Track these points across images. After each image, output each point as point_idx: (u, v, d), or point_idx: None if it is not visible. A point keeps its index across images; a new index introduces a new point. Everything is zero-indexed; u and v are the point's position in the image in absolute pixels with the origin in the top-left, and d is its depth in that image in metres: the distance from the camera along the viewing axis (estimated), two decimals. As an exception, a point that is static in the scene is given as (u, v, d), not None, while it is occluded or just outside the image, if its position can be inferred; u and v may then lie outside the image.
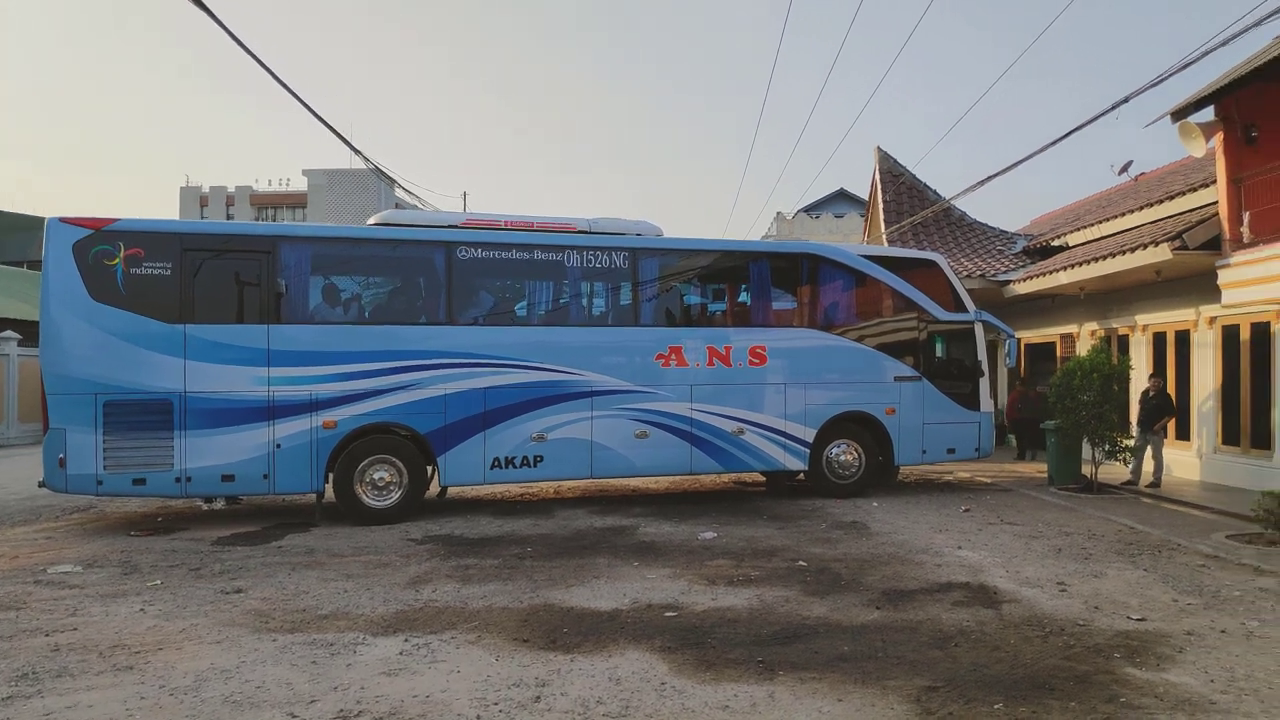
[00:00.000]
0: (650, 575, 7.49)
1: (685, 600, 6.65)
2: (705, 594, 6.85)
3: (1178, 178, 16.48)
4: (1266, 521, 8.63)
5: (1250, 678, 4.88)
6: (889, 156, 21.15)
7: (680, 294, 12.23)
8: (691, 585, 7.13)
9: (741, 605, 6.49)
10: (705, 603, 6.57)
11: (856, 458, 12.26)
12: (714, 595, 6.81)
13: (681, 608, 6.43)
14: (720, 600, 6.65)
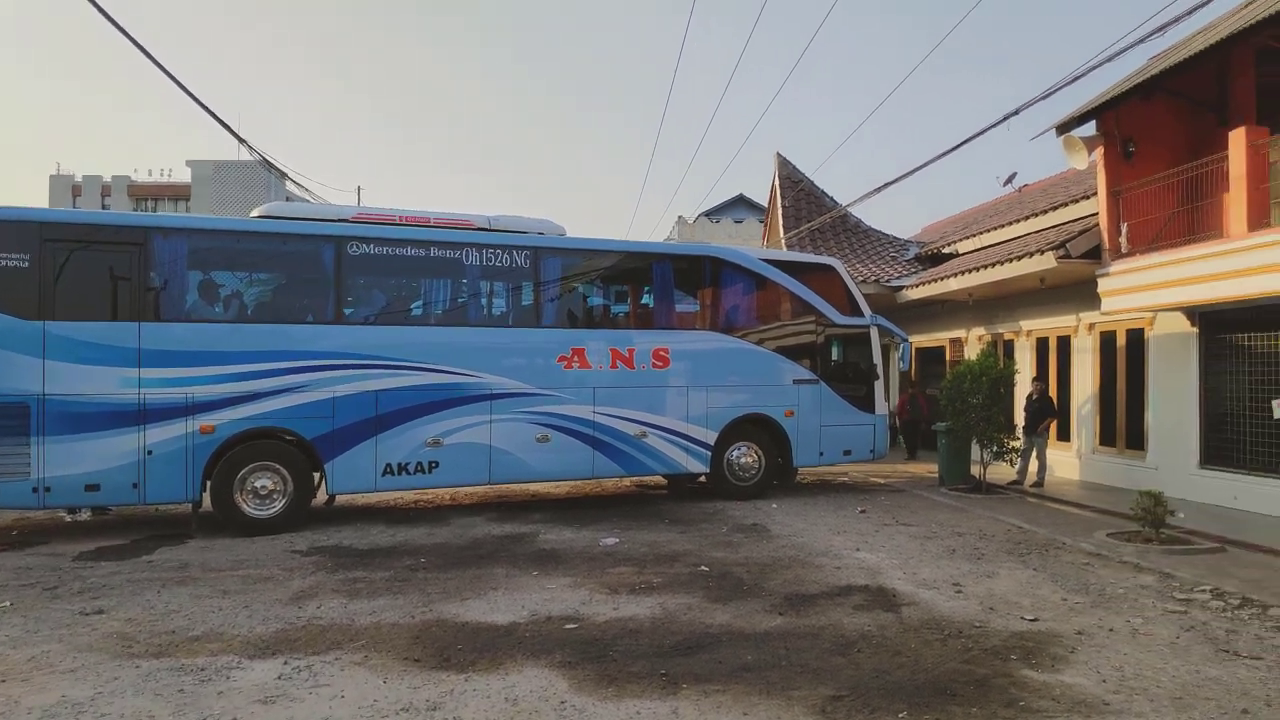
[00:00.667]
0: (550, 585, 7.26)
1: (586, 611, 6.44)
2: (607, 604, 6.66)
3: (1060, 189, 17.23)
4: (1144, 520, 9.00)
5: (1139, 676, 5.00)
6: (788, 163, 21.47)
7: (583, 295, 12.04)
8: (593, 595, 6.93)
9: (644, 615, 6.33)
10: (607, 613, 6.39)
11: (756, 460, 12.31)
12: (616, 605, 6.63)
13: (582, 619, 6.23)
14: (622, 610, 6.47)
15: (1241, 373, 11.11)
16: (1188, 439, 11.94)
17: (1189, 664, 5.22)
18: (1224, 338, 11.42)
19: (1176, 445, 12.14)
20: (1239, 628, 6.03)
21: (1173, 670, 5.11)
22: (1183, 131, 12.42)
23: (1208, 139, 11.76)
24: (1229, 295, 10.09)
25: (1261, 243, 9.54)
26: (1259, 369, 10.83)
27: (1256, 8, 10.22)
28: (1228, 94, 11.82)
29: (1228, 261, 10.00)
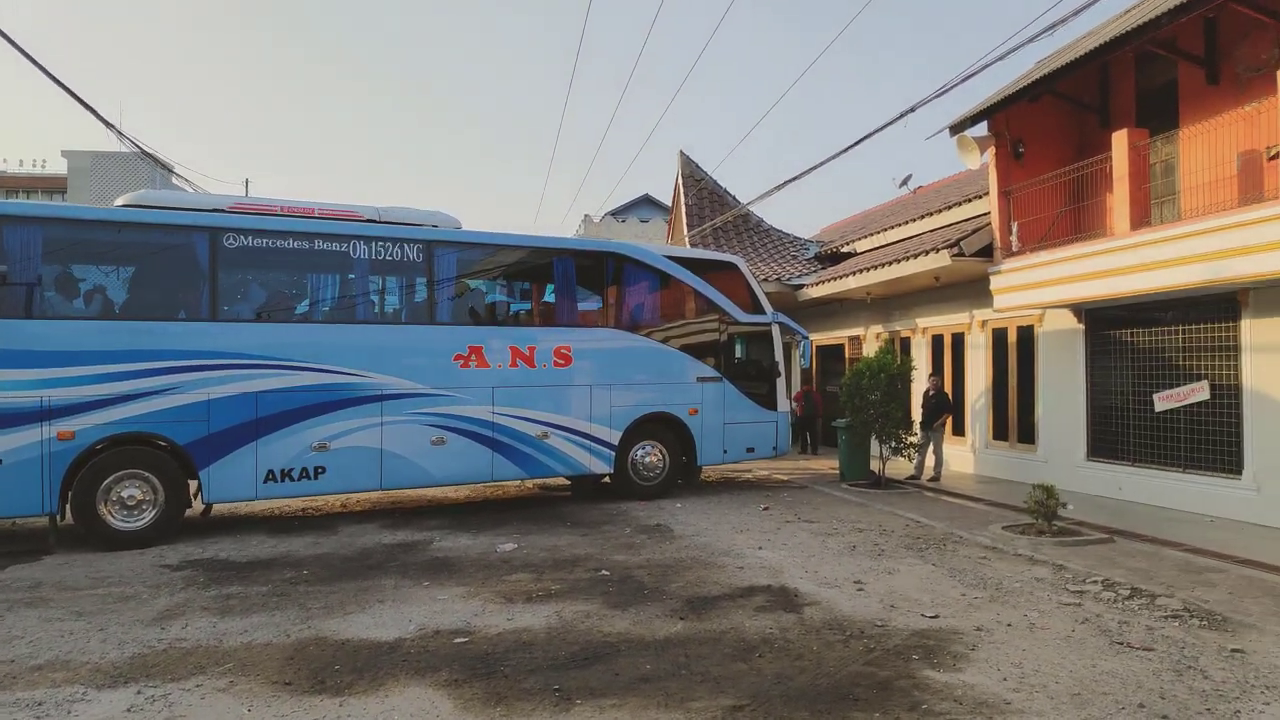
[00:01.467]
0: (442, 596, 6.87)
1: (478, 623, 6.09)
2: (501, 614, 6.32)
3: (954, 190, 17.67)
4: (1036, 512, 9.18)
5: (1038, 673, 4.97)
6: (691, 161, 21.43)
7: (481, 291, 11.63)
8: (486, 605, 6.58)
9: (539, 625, 6.03)
10: (500, 624, 6.05)
11: (661, 459, 12.13)
12: (510, 615, 6.29)
13: (474, 632, 5.88)
14: (517, 620, 6.15)
15: (1125, 368, 11.51)
16: (1075, 432, 12.32)
17: (1085, 658, 5.23)
18: (1108, 334, 11.82)
19: (1065, 439, 12.52)
20: (1130, 619, 6.11)
21: (1070, 665, 5.10)
22: (1069, 133, 12.82)
23: (1092, 140, 12.16)
24: (1113, 292, 10.42)
25: (1143, 241, 9.87)
26: (1141, 364, 11.23)
27: (1136, 14, 10.59)
28: (1110, 97, 12.25)
29: (1112, 259, 10.31)
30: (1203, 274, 9.13)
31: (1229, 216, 8.86)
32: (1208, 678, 4.88)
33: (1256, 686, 4.73)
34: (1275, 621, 5.99)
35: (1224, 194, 9.79)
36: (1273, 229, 8.33)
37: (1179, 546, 8.53)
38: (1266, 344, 9.49)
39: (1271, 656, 5.26)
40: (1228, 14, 9.80)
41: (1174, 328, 10.73)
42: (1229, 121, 9.73)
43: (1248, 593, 6.81)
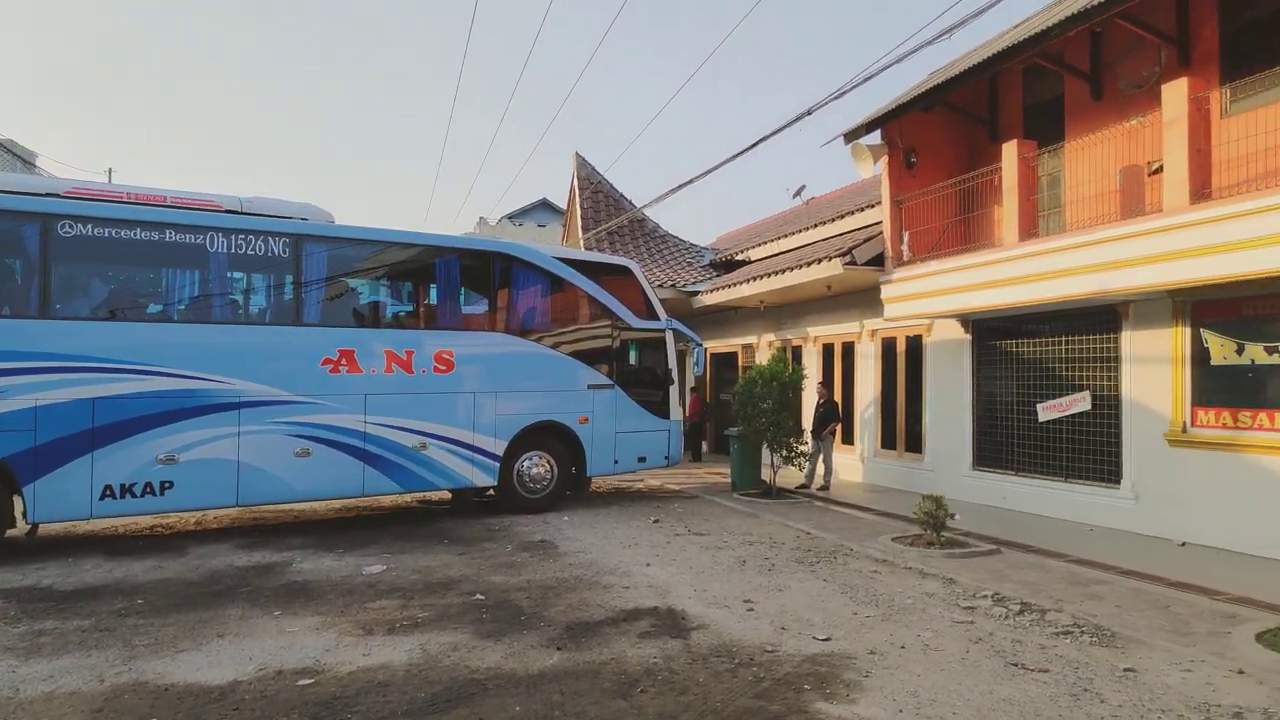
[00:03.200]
0: (293, 628, 6.15)
1: (329, 660, 5.43)
2: (357, 648, 5.67)
3: (847, 200, 17.75)
4: (926, 523, 9.06)
5: (934, 702, 4.67)
6: (587, 163, 20.99)
7: (354, 290, 10.82)
8: (342, 637, 5.92)
9: (399, 661, 5.41)
10: (355, 661, 5.40)
11: (549, 470, 11.58)
12: (368, 649, 5.65)
13: (322, 671, 5.21)
14: (374, 656, 5.51)
15: (1010, 378, 11.63)
16: (961, 442, 12.40)
17: (981, 682, 4.97)
18: (994, 344, 11.92)
19: (951, 448, 12.59)
20: (1022, 636, 5.93)
21: (966, 691, 4.83)
22: (960, 144, 12.94)
23: (982, 152, 12.29)
24: (1001, 303, 10.47)
25: (1030, 252, 9.93)
26: (1026, 375, 11.36)
27: (1025, 27, 10.69)
28: (999, 110, 12.41)
29: (1000, 270, 10.36)
30: (1087, 286, 9.21)
31: (1112, 230, 8.97)
32: (1104, 701, 4.67)
33: (1153, 710, 4.54)
34: (1162, 636, 5.91)
35: (1107, 207, 9.94)
36: (1152, 242, 8.44)
37: (1064, 557, 8.53)
38: (1145, 355, 9.66)
39: (1162, 675, 5.12)
40: (1113, 30, 9.97)
41: (1058, 339, 10.87)
42: (1113, 136, 9.89)
43: (1134, 605, 6.76)
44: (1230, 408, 8.77)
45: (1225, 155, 8.60)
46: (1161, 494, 9.43)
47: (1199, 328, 9.09)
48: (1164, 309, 9.39)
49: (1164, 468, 9.42)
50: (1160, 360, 9.46)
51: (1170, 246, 8.23)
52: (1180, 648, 5.63)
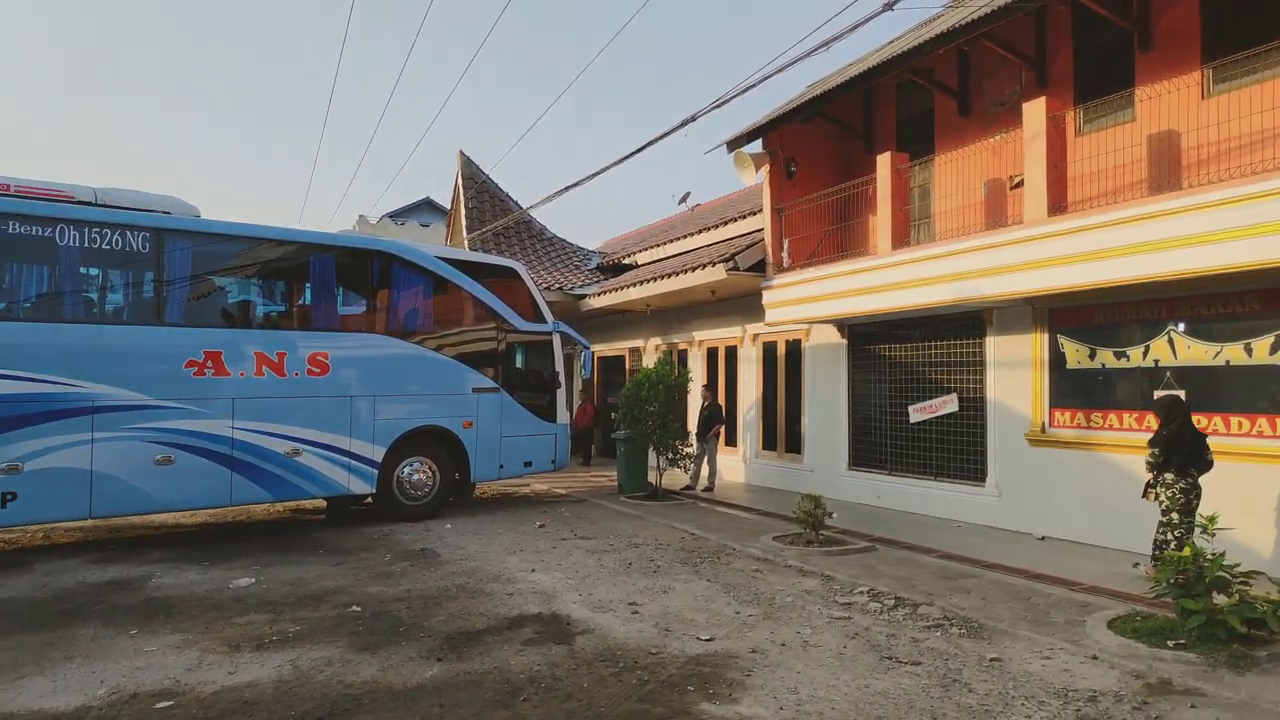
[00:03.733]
0: (151, 647, 5.76)
1: (191, 680, 5.11)
2: (222, 666, 5.36)
3: (731, 208, 18.08)
4: (805, 522, 9.29)
5: (814, 698, 4.76)
6: (471, 162, 20.64)
7: (222, 289, 10.26)
8: (205, 656, 5.58)
9: (268, 678, 5.14)
10: (219, 680, 5.10)
11: (430, 476, 11.29)
12: (234, 667, 5.35)
13: (183, 692, 4.90)
14: (241, 674, 5.22)
15: (883, 381, 12.08)
16: (838, 443, 12.79)
17: (858, 677, 5.11)
18: (869, 349, 12.36)
19: (829, 449, 12.98)
20: (897, 630, 6.14)
21: (844, 687, 4.95)
22: (837, 155, 13.37)
23: (858, 163, 12.73)
24: (875, 309, 10.86)
25: (902, 260, 10.33)
26: (898, 378, 11.81)
27: (897, 45, 11.14)
28: (874, 123, 12.88)
29: (874, 277, 10.74)
30: (954, 293, 9.65)
31: (976, 240, 9.43)
32: (972, 691, 4.88)
33: (1017, 698, 4.77)
34: (1025, 626, 6.23)
35: (973, 218, 10.46)
36: (1014, 252, 8.91)
37: (934, 553, 8.90)
38: (1007, 360, 10.20)
39: (1025, 663, 5.39)
40: (979, 50, 10.50)
41: (928, 343, 11.35)
42: (978, 151, 10.42)
43: (998, 598, 7.10)
44: (1084, 409, 9.36)
45: (1079, 171, 9.18)
46: (1023, 491, 9.97)
47: (1056, 334, 9.66)
48: (1024, 316, 9.94)
49: (1025, 466, 9.96)
50: (1021, 364, 10.01)
51: (1030, 256, 8.71)
52: (1041, 637, 5.94)
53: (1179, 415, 7.36)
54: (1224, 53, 8.15)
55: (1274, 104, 7.65)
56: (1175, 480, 7.21)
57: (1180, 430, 7.26)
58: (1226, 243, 6.95)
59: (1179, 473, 7.20)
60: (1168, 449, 7.26)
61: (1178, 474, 7.21)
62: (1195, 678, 5.07)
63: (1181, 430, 7.27)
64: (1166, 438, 7.29)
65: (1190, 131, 8.24)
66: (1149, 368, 8.70)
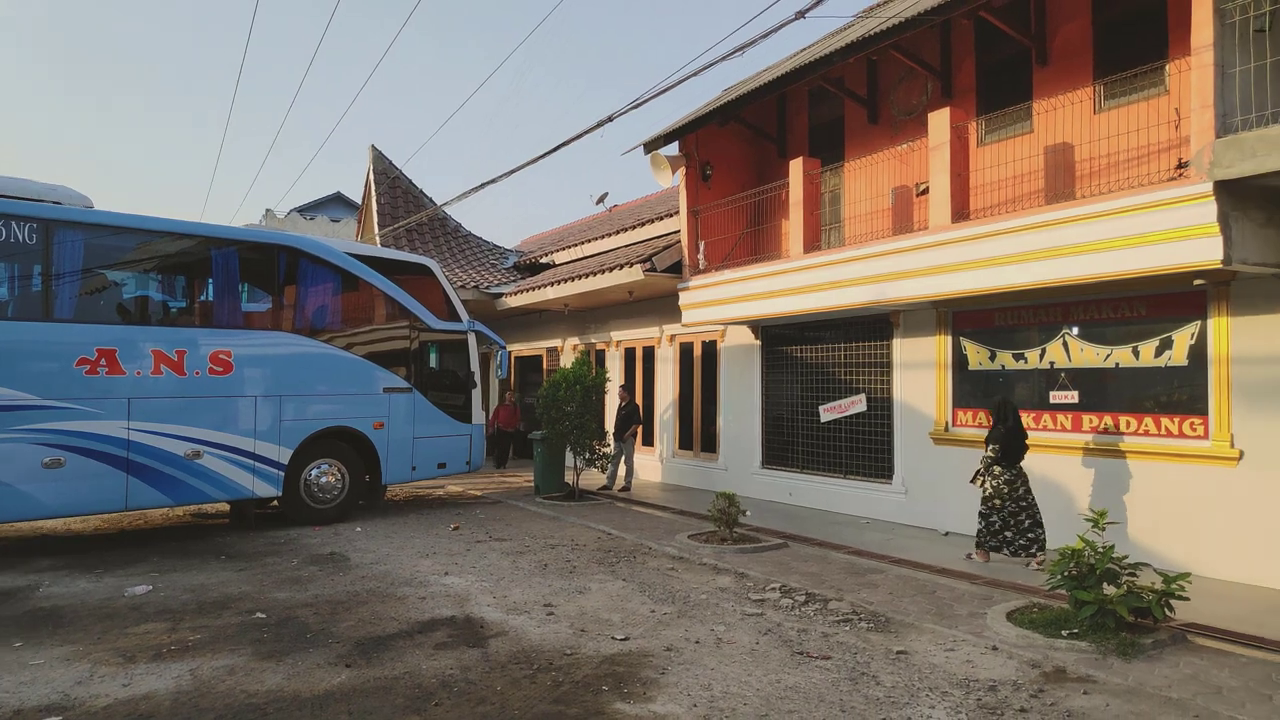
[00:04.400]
0: (37, 660, 5.46)
1: (81, 694, 4.86)
2: (116, 679, 5.12)
3: (648, 209, 18.17)
4: (719, 520, 9.40)
5: (727, 695, 4.83)
6: (384, 157, 20.22)
7: (117, 284, 9.81)
8: (98, 667, 5.32)
9: (165, 689, 4.93)
10: (112, 693, 4.87)
11: (339, 478, 11.01)
12: (128, 679, 5.11)
13: (72, 707, 4.66)
14: (136, 686, 5.00)
15: (795, 382, 12.32)
16: (752, 442, 13.00)
17: (769, 673, 5.20)
18: (781, 350, 12.60)
19: (743, 448, 13.17)
20: (807, 625, 6.27)
21: (756, 682, 5.03)
22: (752, 160, 13.58)
23: (772, 168, 12.96)
24: (787, 311, 11.06)
25: (813, 263, 10.55)
26: (809, 378, 12.07)
27: (810, 53, 11.38)
28: (788, 129, 13.13)
29: (787, 280, 10.94)
30: (863, 296, 9.90)
31: (884, 245, 9.69)
32: (880, 684, 5.02)
33: (922, 689, 4.93)
34: (930, 619, 6.44)
35: (881, 224, 10.75)
36: (919, 257, 9.20)
37: (844, 549, 9.13)
38: (913, 361, 10.52)
39: (930, 655, 5.58)
40: (887, 60, 10.81)
41: (838, 345, 11.63)
42: (886, 158, 10.72)
43: (904, 592, 7.32)
44: (985, 409, 9.72)
45: (981, 180, 9.54)
46: (928, 488, 10.31)
47: (959, 336, 10.01)
48: (929, 319, 10.28)
49: (930, 464, 10.30)
50: (926, 366, 10.34)
51: (934, 261, 9.01)
52: (945, 629, 6.15)
53: (1010, 415, 8.30)
54: (1113, 70, 8.59)
55: (1158, 120, 8.10)
56: (1003, 472, 8.19)
57: (1012, 428, 8.21)
58: (1115, 251, 7.32)
59: (1007, 465, 8.18)
60: (1004, 445, 8.17)
61: (1005, 466, 8.18)
62: (1087, 665, 5.33)
63: (1012, 428, 8.21)
64: (1003, 434, 8.22)
65: (1083, 144, 8.66)
66: (1045, 369, 9.10)
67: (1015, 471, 8.18)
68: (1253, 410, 7.39)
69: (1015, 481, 8.16)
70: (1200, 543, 7.67)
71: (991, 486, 8.24)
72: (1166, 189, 6.97)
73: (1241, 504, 7.43)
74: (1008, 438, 8.16)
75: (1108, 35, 8.91)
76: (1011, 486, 8.13)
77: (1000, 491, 8.18)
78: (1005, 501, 8.15)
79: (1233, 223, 6.62)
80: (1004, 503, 8.16)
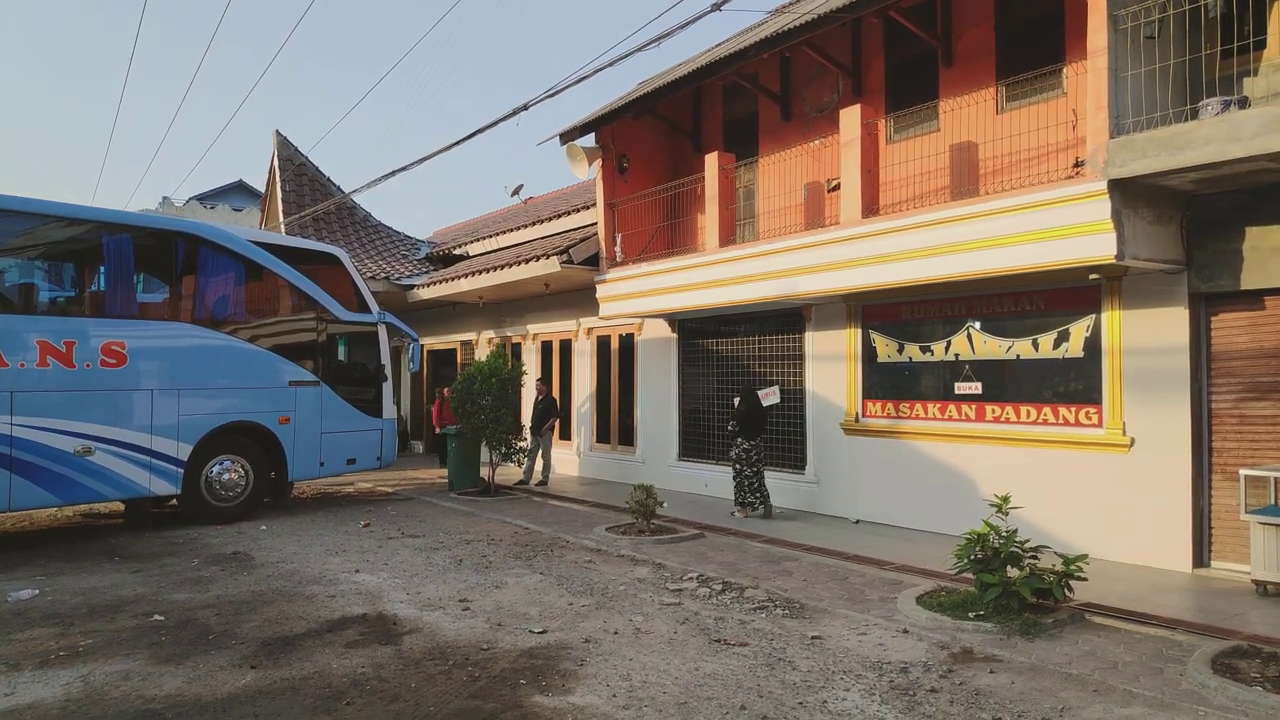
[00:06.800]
0: (-94, 672, 5.09)
1: (-42, 706, 4.55)
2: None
3: (564, 201, 18.06)
4: (637, 512, 9.42)
5: (646, 684, 4.82)
6: (289, 143, 19.54)
7: (-3, 271, 9.22)
8: (-24, 678, 4.98)
9: (54, 697, 4.65)
10: (-7, 704, 4.57)
11: (243, 475, 10.60)
12: (11, 688, 4.80)
13: (-53, 721, 4.35)
14: (21, 694, 4.69)
15: (711, 375, 12.43)
16: (669, 434, 13.06)
17: (688, 661, 5.22)
18: (698, 343, 12.69)
19: (660, 440, 13.23)
20: (724, 613, 6.33)
21: (675, 671, 5.04)
22: (668, 153, 13.62)
23: (688, 162, 13.02)
24: (703, 304, 11.14)
25: (728, 257, 10.65)
26: (725, 371, 12.19)
27: (724, 48, 11.47)
28: (703, 124, 13.21)
29: (702, 274, 11.02)
30: (776, 289, 10.04)
31: (796, 239, 9.85)
32: (796, 668, 5.10)
33: (837, 672, 5.03)
34: (842, 604, 6.58)
35: (794, 219, 10.93)
36: (830, 252, 9.38)
37: (759, 538, 9.25)
38: (825, 354, 10.73)
39: (843, 640, 5.69)
40: (800, 58, 10.96)
41: (752, 338, 11.78)
42: (799, 154, 10.88)
43: (818, 579, 7.47)
44: (893, 400, 9.99)
45: (891, 176, 9.77)
46: (839, 478, 10.54)
47: (868, 329, 10.26)
48: (839, 312, 10.49)
49: (841, 454, 10.53)
50: (837, 358, 10.57)
51: (845, 256, 9.20)
52: (857, 614, 6.29)
53: (750, 398, 10.46)
54: (1015, 71, 8.91)
55: (1056, 121, 8.45)
56: (743, 443, 10.31)
57: (749, 409, 10.35)
58: (1015, 246, 7.61)
59: (747, 438, 10.30)
60: (742, 422, 10.33)
61: (746, 438, 10.31)
62: (993, 645, 5.53)
63: (750, 409, 10.36)
64: (742, 414, 10.37)
65: (986, 143, 8.95)
66: (950, 361, 9.40)
67: (754, 443, 10.29)
68: (1143, 399, 7.79)
69: (752, 451, 10.29)
70: (1096, 526, 8.05)
71: (739, 456, 10.32)
72: (1064, 186, 7.27)
73: (1133, 489, 7.82)
74: (746, 416, 10.30)
75: (1010, 38, 9.23)
76: (747, 454, 10.30)
77: (741, 458, 10.33)
78: (743, 466, 10.33)
79: (1125, 220, 6.94)
80: (742, 467, 10.34)
